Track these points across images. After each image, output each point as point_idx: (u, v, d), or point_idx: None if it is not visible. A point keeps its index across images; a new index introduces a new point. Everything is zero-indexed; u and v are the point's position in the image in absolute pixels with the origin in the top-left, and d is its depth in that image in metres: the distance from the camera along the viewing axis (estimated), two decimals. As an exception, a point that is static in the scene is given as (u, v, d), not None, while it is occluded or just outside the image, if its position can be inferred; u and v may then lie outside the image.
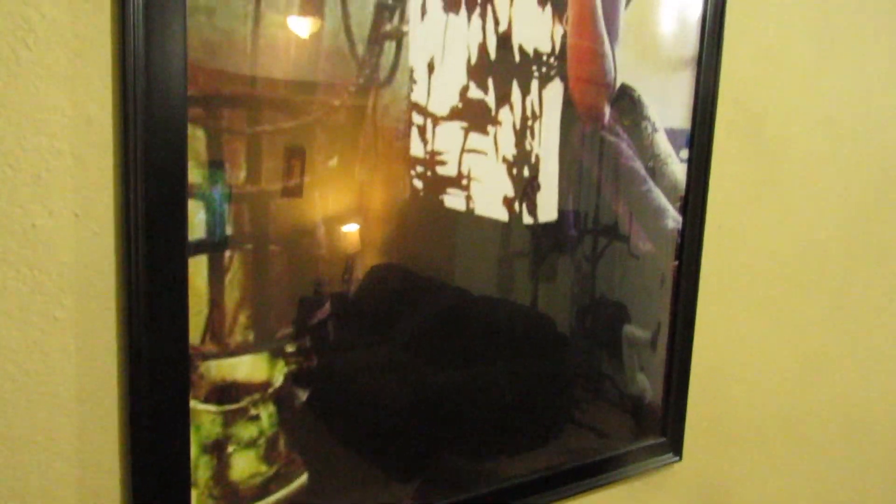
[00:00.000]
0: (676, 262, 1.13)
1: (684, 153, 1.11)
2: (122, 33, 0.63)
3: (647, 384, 1.13)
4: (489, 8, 0.84)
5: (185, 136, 0.67)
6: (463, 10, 0.82)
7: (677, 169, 1.10)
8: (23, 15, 0.61)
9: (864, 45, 1.42)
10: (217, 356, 0.72)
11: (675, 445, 1.19)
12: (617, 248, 1.04)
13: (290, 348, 0.76)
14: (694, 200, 1.12)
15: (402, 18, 0.78)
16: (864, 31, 1.41)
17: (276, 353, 0.76)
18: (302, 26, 0.72)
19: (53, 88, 0.63)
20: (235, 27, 0.69)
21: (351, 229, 0.78)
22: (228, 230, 0.71)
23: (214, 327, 0.72)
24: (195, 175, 0.69)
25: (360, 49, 0.76)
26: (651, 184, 1.07)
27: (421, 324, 0.86)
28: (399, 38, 0.78)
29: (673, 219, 1.11)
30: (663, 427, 1.16)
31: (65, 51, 0.63)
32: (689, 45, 1.08)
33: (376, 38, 0.77)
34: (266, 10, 0.70)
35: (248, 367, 0.74)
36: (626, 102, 1.01)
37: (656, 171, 1.07)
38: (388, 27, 0.77)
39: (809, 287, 1.44)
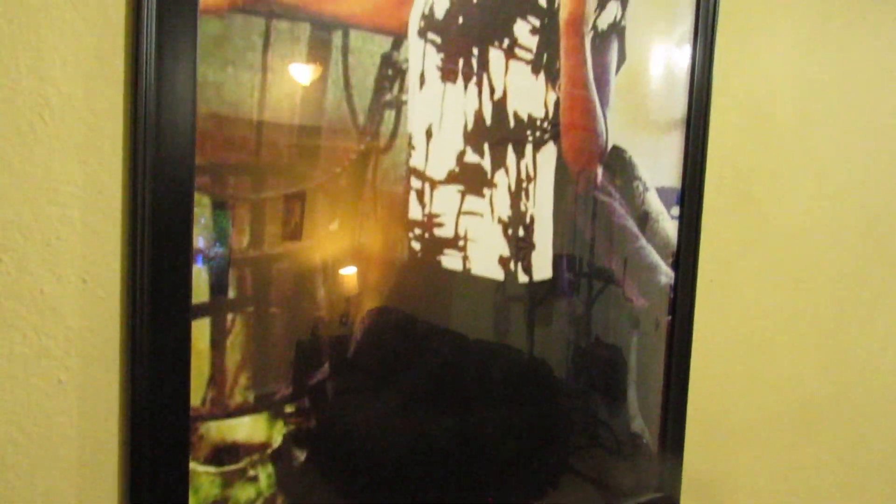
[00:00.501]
0: (670, 317, 1.15)
1: (675, 211, 1.14)
2: (134, 106, 0.66)
3: (646, 432, 1.14)
4: (485, 77, 0.88)
5: (192, 204, 0.69)
6: (460, 80, 0.86)
7: (669, 226, 1.13)
8: (40, 91, 0.64)
9: (849, 103, 1.47)
10: (217, 417, 0.73)
11: (671, 501, 1.19)
12: (611, 303, 1.06)
13: (289, 409, 0.78)
14: (685, 256, 1.15)
15: (402, 88, 0.82)
16: (849, 91, 1.47)
17: (276, 414, 0.77)
18: (305, 98, 0.76)
19: (67, 159, 0.65)
20: (242, 99, 0.72)
21: (350, 291, 0.80)
22: (231, 293, 0.73)
23: (215, 389, 0.73)
24: (200, 240, 0.71)
25: (362, 118, 0.79)
26: (643, 241, 1.09)
27: (418, 380, 0.87)
28: (398, 106, 0.82)
29: (665, 274, 1.13)
30: (660, 482, 1.17)
31: (79, 124, 0.66)
32: (678, 107, 1.12)
33: (377, 108, 0.80)
34: (272, 83, 0.73)
35: (248, 428, 0.75)
36: (618, 163, 1.04)
37: (648, 228, 1.10)
38: (388, 97, 0.81)
39: (802, 339, 1.45)
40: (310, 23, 0.75)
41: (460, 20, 0.85)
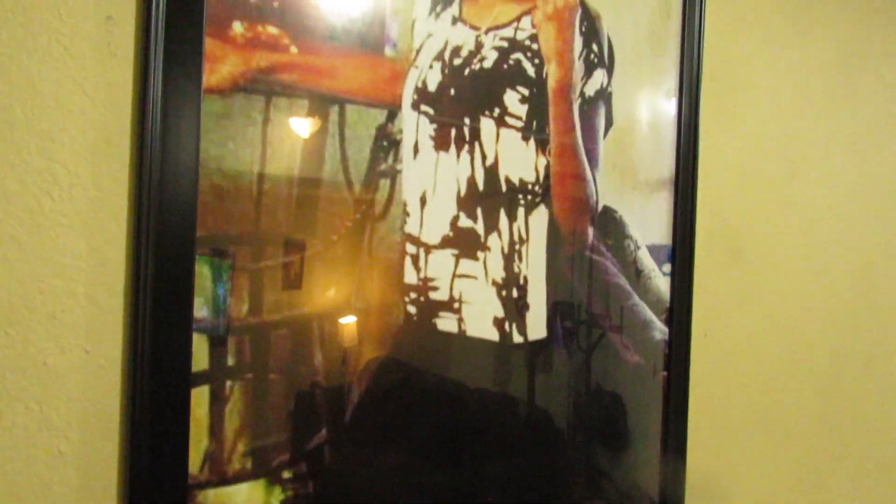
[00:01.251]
0: (665, 373, 1.16)
1: (667, 267, 1.16)
2: (138, 183, 0.69)
3: (647, 486, 1.14)
4: (477, 144, 0.92)
5: (193, 275, 0.72)
6: (452, 148, 0.89)
7: (661, 283, 1.15)
8: (50, 170, 0.67)
9: (834, 156, 1.51)
10: (215, 485, 0.74)
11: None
12: (606, 361, 1.07)
13: (286, 474, 0.78)
14: (679, 312, 1.16)
15: (397, 158, 0.85)
16: (833, 144, 1.51)
17: (273, 480, 0.77)
18: (303, 169, 0.79)
19: (74, 235, 0.68)
20: (242, 172, 0.75)
21: (347, 357, 0.82)
22: (230, 361, 0.75)
23: (213, 456, 0.74)
24: (200, 310, 0.73)
25: (358, 188, 0.82)
26: (636, 298, 1.11)
27: (417, 438, 0.88)
28: (393, 175, 0.85)
29: (660, 331, 1.15)
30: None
31: (85, 200, 0.69)
32: (666, 166, 1.15)
33: (372, 178, 0.83)
34: (271, 157, 0.77)
35: (245, 495, 0.76)
36: (609, 223, 1.07)
37: (641, 285, 1.12)
38: (383, 166, 0.84)
39: (799, 390, 1.46)
40: (308, 99, 0.79)
41: (452, 92, 0.89)
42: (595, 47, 1.04)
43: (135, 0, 0.70)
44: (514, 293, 0.96)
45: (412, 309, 0.87)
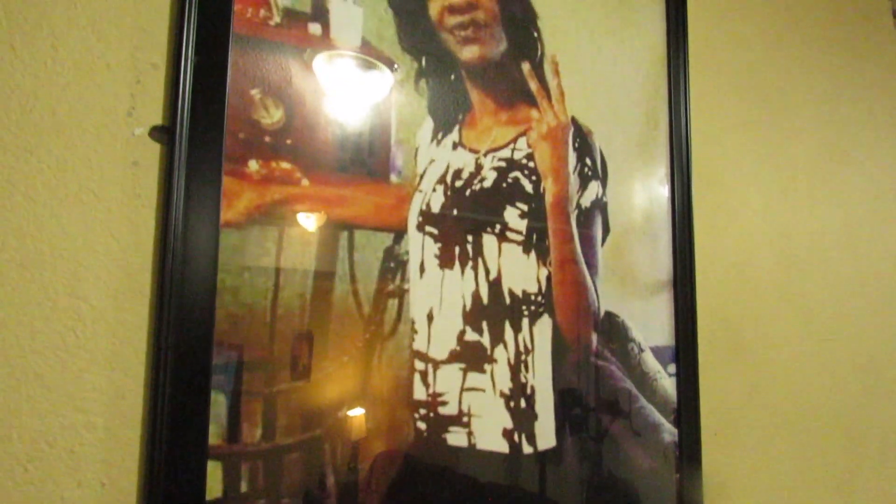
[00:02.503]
0: (678, 475, 1.15)
1: (672, 368, 1.17)
2: (159, 317, 0.72)
3: None
4: (480, 260, 0.95)
5: (208, 403, 0.74)
6: (457, 265, 0.93)
7: (667, 384, 1.16)
8: (75, 308, 0.70)
9: (827, 245, 1.55)
10: None
11: None
12: (617, 467, 1.07)
13: None
14: (687, 413, 1.17)
15: (404, 278, 0.89)
16: (825, 234, 1.55)
17: None
18: (315, 295, 0.82)
19: (95, 370, 0.71)
20: (257, 301, 0.78)
21: (360, 477, 0.82)
22: (243, 487, 0.76)
23: (226, 588, 0.73)
24: (215, 437, 0.74)
25: (367, 309, 0.85)
26: (643, 401, 1.12)
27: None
28: (401, 294, 0.88)
29: (669, 432, 1.15)
30: None
31: (108, 335, 0.71)
32: (664, 269, 1.19)
33: (381, 298, 0.86)
34: (284, 283, 0.80)
35: None
36: (612, 328, 1.09)
37: (647, 388, 1.13)
38: (391, 287, 0.87)
39: (813, 485, 1.43)
40: (318, 228, 0.83)
41: (455, 212, 0.94)
42: (588, 161, 1.09)
43: (158, 146, 0.75)
44: (523, 403, 0.97)
45: (422, 425, 0.88)
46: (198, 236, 0.75)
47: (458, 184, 0.95)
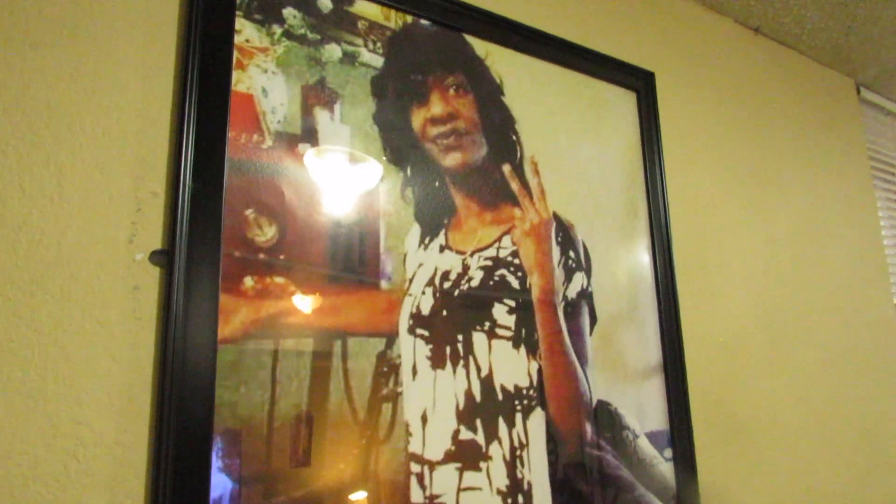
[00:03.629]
0: (682, 564, 1.14)
1: (668, 452, 1.18)
2: (158, 438, 0.74)
3: None
4: (471, 358, 0.98)
5: (207, 522, 0.74)
6: (448, 365, 0.96)
7: (665, 469, 1.16)
8: (76, 434, 0.72)
9: (812, 318, 1.58)
10: None
11: None
12: (619, 560, 1.06)
13: None
14: (686, 497, 1.17)
15: (397, 381, 0.91)
16: (810, 307, 1.58)
17: None
18: (311, 404, 0.84)
19: (96, 493, 0.72)
20: (254, 414, 0.81)
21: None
22: None
23: None
24: (214, 556, 0.75)
25: (362, 414, 0.87)
26: (641, 489, 1.12)
27: None
28: (395, 398, 0.90)
29: (670, 519, 1.14)
30: None
31: (108, 458, 0.73)
32: (653, 354, 1.21)
33: (375, 403, 0.89)
34: (280, 395, 0.82)
35: None
36: (605, 417, 1.11)
37: (644, 475, 1.13)
38: (384, 391, 0.90)
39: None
40: (313, 338, 0.86)
41: (444, 313, 0.97)
42: (572, 254, 1.14)
43: (158, 270, 0.79)
44: (520, 499, 0.97)
45: (420, 530, 0.88)
46: (196, 356, 0.78)
47: (447, 285, 0.98)
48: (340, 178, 0.93)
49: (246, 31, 0.90)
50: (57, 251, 0.75)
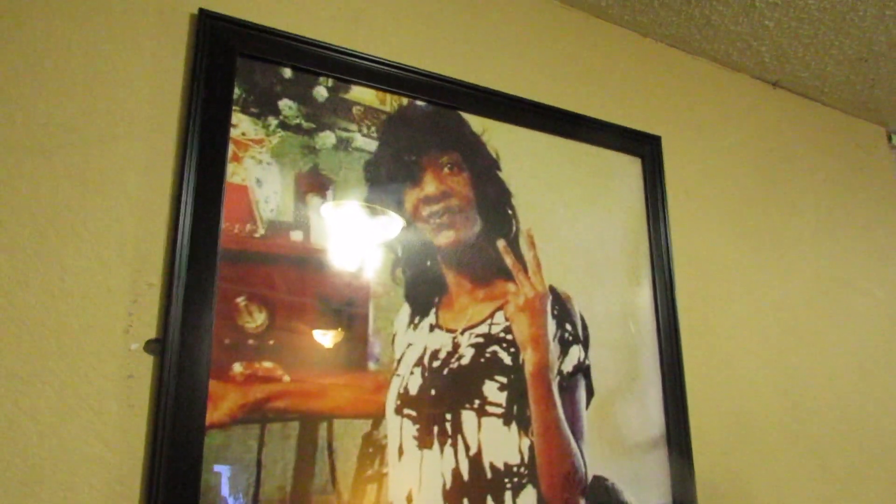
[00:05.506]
0: None
1: (671, 530, 1.16)
2: (145, 521, 0.79)
3: None
4: (459, 437, 1.00)
5: None
6: (436, 444, 0.98)
7: (667, 547, 1.15)
8: (69, 519, 0.77)
9: (838, 379, 1.53)
10: None
11: None
12: None
13: None
14: (690, 577, 1.15)
15: (383, 462, 0.94)
16: (835, 367, 1.54)
17: None
18: (295, 487, 0.88)
19: (84, 578, 0.76)
20: (238, 497, 0.84)
21: None
22: None
23: None
24: None
25: (346, 496, 0.90)
26: (641, 568, 1.11)
27: None
28: (380, 479, 0.93)
29: None
30: None
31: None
32: (655, 425, 1.20)
33: (360, 485, 0.91)
34: (265, 478, 0.86)
35: None
36: (601, 492, 1.11)
37: (644, 553, 1.12)
38: (369, 472, 0.93)
39: None
40: (299, 420, 0.90)
41: (433, 392, 1.00)
42: (568, 326, 1.15)
43: (152, 358, 0.85)
44: (508, 582, 0.98)
45: None
46: (184, 441, 0.82)
47: (436, 364, 1.01)
48: (331, 262, 0.98)
49: (242, 125, 0.96)
50: (57, 343, 0.81)
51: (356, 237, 1.01)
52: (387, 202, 1.05)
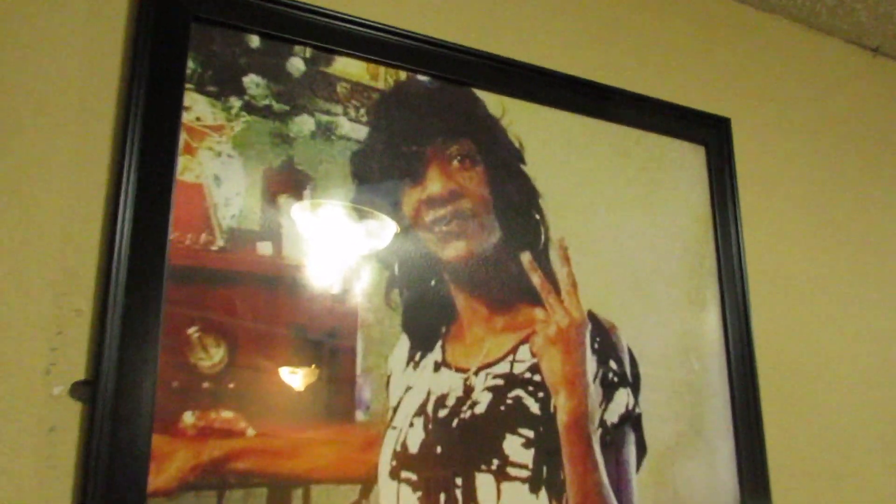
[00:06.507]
0: None
1: None
2: None
3: None
4: (473, 506, 0.99)
5: None
6: (443, 517, 0.97)
7: None
8: None
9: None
10: None
11: None
12: None
13: None
14: None
15: (375, 539, 0.93)
16: None
17: None
18: (262, 572, 0.87)
19: None
20: (191, 585, 0.84)
21: None
22: None
23: None
24: None
25: (327, 585, 0.89)
26: None
27: None
28: (371, 561, 0.92)
29: None
30: None
31: None
32: (727, 490, 1.20)
33: (345, 569, 0.91)
34: (224, 561, 0.86)
35: None
36: (657, 579, 1.09)
37: None
38: (358, 553, 0.92)
39: None
40: (267, 486, 0.89)
41: (439, 450, 0.99)
42: (613, 364, 1.14)
43: (80, 405, 0.84)
44: None
45: None
46: (120, 510, 0.82)
47: (443, 413, 1.00)
48: (308, 282, 0.97)
49: (197, 108, 0.96)
50: (-40, 388, 0.81)
51: (341, 250, 1.00)
52: (380, 205, 1.04)
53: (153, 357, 0.87)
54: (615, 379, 1.15)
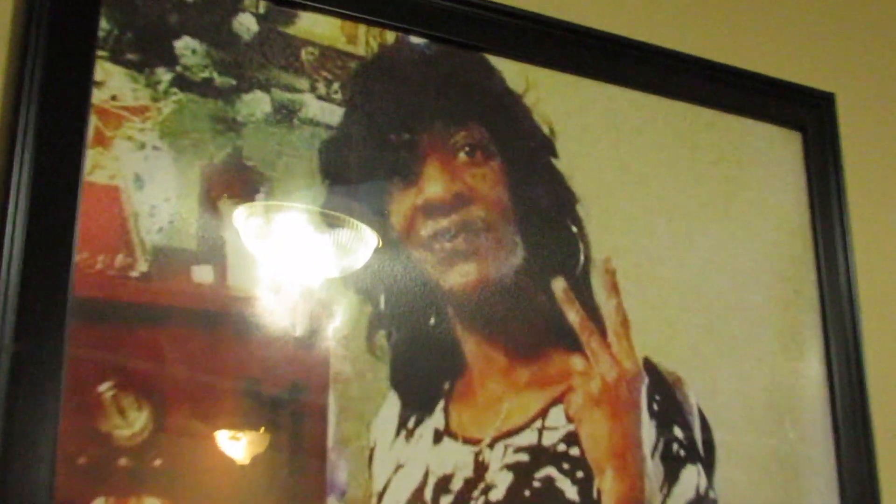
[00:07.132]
0: None
1: None
2: None
3: None
4: None
5: None
6: None
7: None
8: None
9: None
10: None
11: None
12: None
13: None
14: None
15: None
16: None
17: None
18: None
19: None
20: None
21: None
22: None
23: None
24: None
25: None
26: None
27: None
28: None
29: None
30: None
31: None
32: None
33: None
34: None
35: None
36: None
37: None
38: None
39: None
40: None
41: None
42: (679, 431, 1.15)
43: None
44: None
45: None
46: None
47: (447, 501, 1.01)
48: (262, 319, 0.98)
49: (112, 83, 0.97)
50: None
51: (306, 276, 1.01)
52: (360, 213, 1.05)
53: (52, 425, 0.87)
54: (681, 452, 1.15)
